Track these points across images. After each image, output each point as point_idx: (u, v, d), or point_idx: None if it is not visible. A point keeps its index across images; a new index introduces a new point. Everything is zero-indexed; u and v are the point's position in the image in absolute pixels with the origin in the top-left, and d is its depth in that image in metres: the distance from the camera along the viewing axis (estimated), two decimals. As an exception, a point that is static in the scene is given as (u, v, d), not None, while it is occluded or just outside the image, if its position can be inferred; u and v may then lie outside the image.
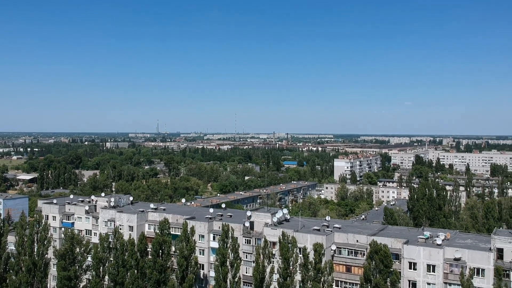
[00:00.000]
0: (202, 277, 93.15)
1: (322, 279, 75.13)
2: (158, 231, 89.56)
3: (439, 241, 77.25)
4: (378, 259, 70.96)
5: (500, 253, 73.50)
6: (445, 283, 74.45)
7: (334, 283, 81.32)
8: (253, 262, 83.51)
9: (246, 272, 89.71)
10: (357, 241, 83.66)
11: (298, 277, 78.45)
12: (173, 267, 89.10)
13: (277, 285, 77.73)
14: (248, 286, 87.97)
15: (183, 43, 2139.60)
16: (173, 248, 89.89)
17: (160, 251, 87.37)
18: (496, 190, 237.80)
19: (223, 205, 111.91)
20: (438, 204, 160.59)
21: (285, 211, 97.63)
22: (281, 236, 79.98)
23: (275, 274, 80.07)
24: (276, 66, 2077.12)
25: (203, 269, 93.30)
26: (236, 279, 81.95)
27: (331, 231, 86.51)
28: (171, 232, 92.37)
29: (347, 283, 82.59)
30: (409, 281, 76.66)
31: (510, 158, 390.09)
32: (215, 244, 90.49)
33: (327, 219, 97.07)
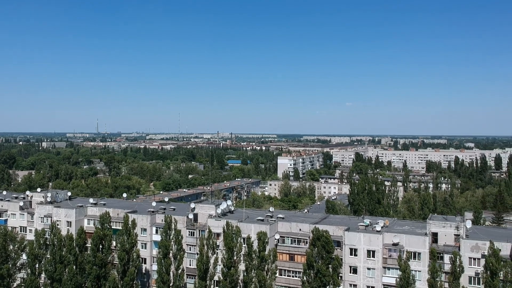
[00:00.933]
0: (144, 272, 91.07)
1: (266, 267, 75.43)
2: (98, 226, 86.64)
3: (378, 228, 79.56)
4: (320, 245, 72.10)
5: (435, 237, 76.77)
6: (384, 267, 76.82)
7: (278, 272, 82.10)
8: (197, 254, 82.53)
9: (190, 265, 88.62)
10: (300, 229, 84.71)
11: (242, 266, 78.28)
12: (114, 262, 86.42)
13: (221, 275, 77.22)
14: (192, 278, 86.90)
15: (122, 42, 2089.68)
16: (114, 243, 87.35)
17: (101, 245, 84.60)
18: (431, 185, 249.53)
19: (166, 199, 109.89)
20: (377, 197, 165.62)
21: (229, 202, 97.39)
22: (225, 226, 79.53)
23: (219, 265, 79.55)
24: (219, 66, 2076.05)
25: (145, 263, 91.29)
26: (179, 271, 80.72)
27: (275, 220, 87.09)
28: (112, 227, 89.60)
29: (290, 271, 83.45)
30: (350, 267, 78.55)
31: (444, 155, 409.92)
32: (158, 238, 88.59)
33: (271, 210, 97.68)
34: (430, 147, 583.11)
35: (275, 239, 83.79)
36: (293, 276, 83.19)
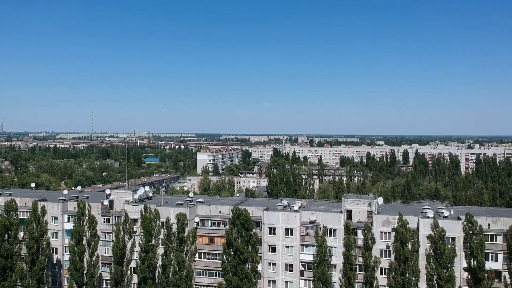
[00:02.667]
0: (55, 262, 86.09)
1: (185, 249, 74.25)
2: (4, 214, 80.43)
3: (296, 207, 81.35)
4: (240, 224, 72.17)
5: (349, 214, 79.75)
6: (302, 245, 78.61)
7: (197, 255, 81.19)
8: (113, 242, 79.29)
9: (105, 253, 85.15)
10: (220, 212, 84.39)
11: (161, 251, 76.43)
12: (22, 254, 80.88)
13: (139, 259, 74.88)
14: (107, 267, 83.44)
15: (25, 37, 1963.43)
16: (21, 234, 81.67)
17: (6, 235, 78.61)
18: (345, 178, 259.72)
19: (79, 187, 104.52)
20: (294, 188, 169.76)
21: (147, 188, 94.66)
22: (143, 209, 77.20)
23: (136, 251, 77.11)
24: (136, 65, 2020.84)
25: (56, 253, 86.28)
26: (93, 258, 77.26)
27: (194, 204, 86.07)
28: (20, 217, 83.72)
29: (210, 254, 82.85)
30: (269, 245, 79.54)
31: (357, 151, 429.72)
32: (70, 226, 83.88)
33: (190, 196, 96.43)
34: (343, 144, 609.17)
35: (195, 222, 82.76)
36: (213, 259, 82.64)
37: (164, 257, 74.34)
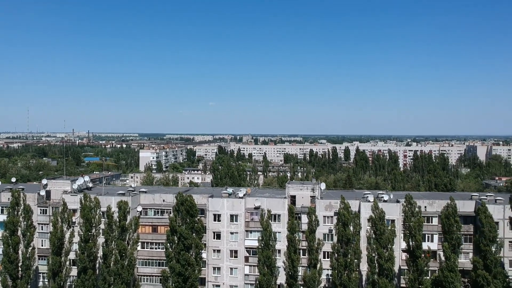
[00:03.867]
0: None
1: (127, 237, 72.24)
2: None
3: (241, 194, 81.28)
4: (184, 210, 71.11)
5: (293, 199, 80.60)
6: (247, 231, 78.66)
7: (140, 245, 79.40)
8: (50, 233, 75.83)
9: (42, 245, 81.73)
10: (163, 200, 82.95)
11: (101, 240, 73.95)
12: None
13: (78, 249, 72.05)
14: (44, 260, 79.90)
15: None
16: None
17: None
18: (288, 174, 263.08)
19: (13, 179, 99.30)
20: (239, 183, 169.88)
21: (87, 178, 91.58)
22: (82, 198, 74.32)
23: (75, 243, 74.14)
24: (75, 62, 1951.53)
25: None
26: (29, 250, 73.65)
27: (137, 193, 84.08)
28: None
29: (154, 243, 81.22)
30: (214, 232, 78.99)
31: (300, 149, 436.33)
32: (3, 218, 79.60)
33: (132, 186, 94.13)
34: (287, 142, 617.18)
35: (137, 211, 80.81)
36: (156, 248, 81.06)
37: (104, 246, 71.93)
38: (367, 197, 78.58)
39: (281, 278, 74.18)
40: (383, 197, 79.05)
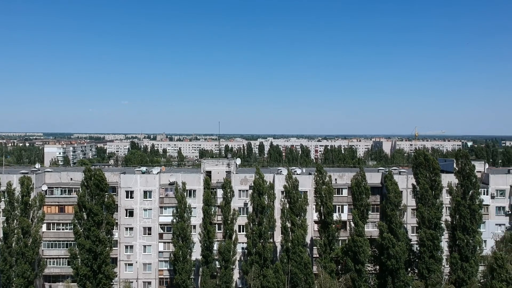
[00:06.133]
0: None
1: (31, 215, 67.49)
2: None
3: (155, 172, 79.26)
4: (93, 185, 67.68)
5: (208, 174, 79.96)
6: (161, 207, 76.86)
7: (46, 226, 74.79)
8: None
9: None
10: (71, 179, 78.75)
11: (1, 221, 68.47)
12: None
13: (-26, 229, 66.15)
14: None
15: None
16: None
17: None
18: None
19: None
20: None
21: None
22: (-22, 175, 68.32)
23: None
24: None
25: None
26: None
27: (42, 172, 79.05)
28: None
29: (61, 224, 76.83)
30: (126, 210, 76.35)
31: (215, 145, 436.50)
32: None
33: (36, 167, 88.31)
34: (203, 139, 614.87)
35: (43, 190, 75.87)
36: (63, 229, 76.72)
37: (5, 225, 66.65)
38: (281, 171, 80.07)
39: (197, 254, 73.32)
40: (296, 171, 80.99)
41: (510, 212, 79.92)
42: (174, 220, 69.99)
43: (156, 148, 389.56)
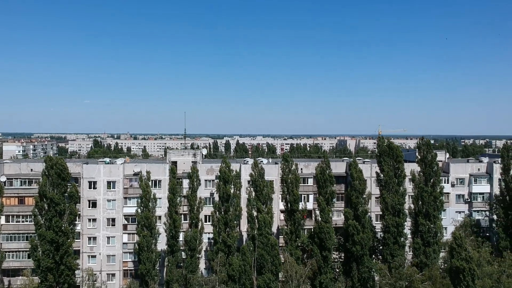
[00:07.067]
0: None
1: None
2: None
3: (119, 162, 77.86)
4: (55, 174, 65.98)
5: (174, 165, 79.08)
6: (125, 197, 75.56)
7: (4, 218, 72.45)
8: None
9: None
10: (31, 170, 76.37)
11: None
12: None
13: None
14: None
15: None
16: None
17: None
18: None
19: None
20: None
21: None
22: None
23: None
24: None
25: None
26: None
27: (0, 163, 76.43)
28: None
29: (20, 216, 74.48)
30: (89, 201, 74.70)
31: (181, 143, 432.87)
32: None
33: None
34: (169, 138, 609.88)
35: (1, 181, 73.32)
36: (23, 221, 74.37)
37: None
38: (247, 161, 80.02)
39: (162, 245, 72.40)
40: (262, 161, 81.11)
41: (469, 200, 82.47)
42: (139, 210, 69.05)
43: (120, 147, 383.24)
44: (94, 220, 74.51)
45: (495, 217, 78.45)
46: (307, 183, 79.50)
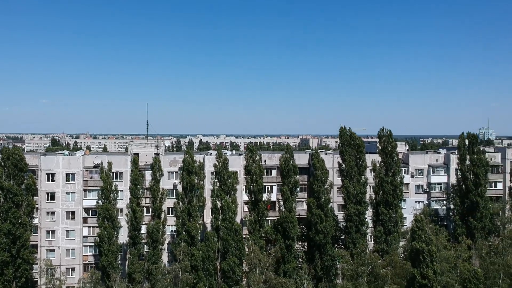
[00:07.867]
0: None
1: None
2: None
3: (79, 154, 75.99)
4: (11, 164, 63.76)
5: (136, 156, 77.65)
6: (85, 190, 73.80)
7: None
8: None
9: None
10: (-14, 162, 73.41)
11: None
12: None
13: None
14: None
15: None
16: None
17: None
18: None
19: None
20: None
21: None
22: None
23: None
24: None
25: None
26: None
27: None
28: None
29: (-26, 210, 71.35)
30: (48, 193, 72.61)
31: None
32: None
33: None
34: (130, 138, 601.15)
35: (-48, 174, 70.15)
36: (-23, 216, 71.29)
37: None
38: (211, 153, 79.66)
39: (124, 238, 71.13)
40: (226, 153, 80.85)
41: (428, 190, 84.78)
42: (100, 202, 67.59)
43: (79, 146, 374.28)
44: (53, 213, 72.39)
45: (452, 206, 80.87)
46: (271, 175, 79.80)
